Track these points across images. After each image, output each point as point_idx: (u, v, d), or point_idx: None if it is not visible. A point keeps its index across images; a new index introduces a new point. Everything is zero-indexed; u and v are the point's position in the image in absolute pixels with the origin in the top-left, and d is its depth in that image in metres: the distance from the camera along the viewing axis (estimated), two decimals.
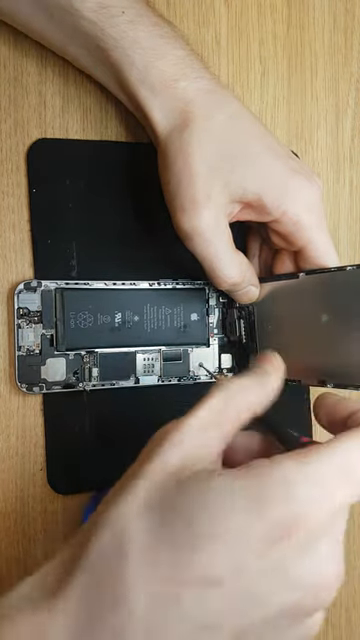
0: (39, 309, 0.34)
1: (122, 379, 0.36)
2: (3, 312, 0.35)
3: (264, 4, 0.41)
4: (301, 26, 0.42)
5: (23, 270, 0.35)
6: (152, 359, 0.37)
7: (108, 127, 0.37)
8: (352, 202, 0.44)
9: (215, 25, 0.40)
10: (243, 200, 0.32)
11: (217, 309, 0.39)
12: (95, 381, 0.35)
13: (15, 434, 0.35)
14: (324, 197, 0.35)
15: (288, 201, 0.32)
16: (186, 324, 0.38)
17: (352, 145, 0.44)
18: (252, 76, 0.41)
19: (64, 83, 0.36)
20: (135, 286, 0.36)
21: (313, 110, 0.43)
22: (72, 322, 0.35)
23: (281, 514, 0.19)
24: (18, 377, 0.34)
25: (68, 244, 0.36)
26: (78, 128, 0.37)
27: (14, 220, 0.35)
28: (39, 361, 0.34)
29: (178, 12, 0.39)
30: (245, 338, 0.38)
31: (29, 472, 0.35)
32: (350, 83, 0.44)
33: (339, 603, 0.44)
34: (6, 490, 0.35)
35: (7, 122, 0.35)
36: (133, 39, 0.30)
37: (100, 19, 0.29)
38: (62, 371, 0.35)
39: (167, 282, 0.37)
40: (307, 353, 0.34)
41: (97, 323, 0.35)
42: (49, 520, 0.36)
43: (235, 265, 0.33)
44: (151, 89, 0.31)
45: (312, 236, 0.33)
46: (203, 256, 0.32)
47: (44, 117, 0.36)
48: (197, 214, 0.31)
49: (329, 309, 0.32)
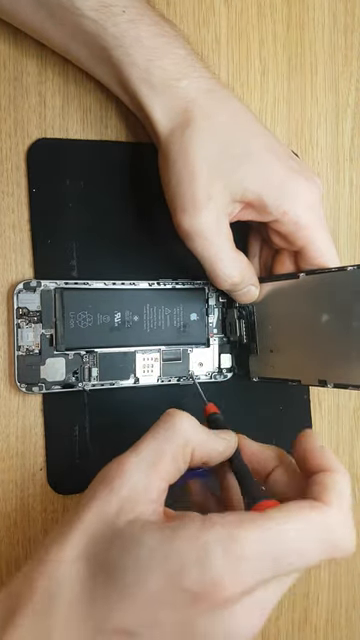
0: (39, 309, 0.34)
1: (122, 379, 0.36)
2: (3, 312, 0.35)
3: (264, 4, 0.41)
4: (301, 26, 0.42)
5: (23, 270, 0.35)
6: (152, 359, 0.37)
7: (108, 127, 0.37)
8: (352, 202, 0.44)
9: (215, 25, 0.40)
10: (244, 200, 0.32)
11: (217, 309, 0.39)
12: (95, 381, 0.35)
13: (15, 434, 0.35)
14: (324, 197, 0.35)
15: (288, 201, 0.32)
16: (186, 324, 0.38)
17: (352, 145, 0.44)
18: (252, 76, 0.41)
19: (64, 83, 0.36)
20: (135, 286, 0.36)
21: (313, 110, 0.43)
22: (72, 322, 0.35)
23: (194, 584, 0.20)
24: (18, 377, 0.34)
25: (68, 244, 0.36)
26: (78, 128, 0.37)
27: (14, 220, 0.35)
28: (39, 361, 0.34)
29: (178, 12, 0.39)
30: (245, 338, 0.38)
31: (29, 472, 0.35)
32: (350, 83, 0.44)
33: (339, 603, 0.44)
34: (6, 490, 0.35)
35: (7, 122, 0.35)
36: (134, 38, 0.30)
37: (101, 18, 0.29)
38: (62, 371, 0.35)
39: (167, 282, 0.37)
40: (307, 353, 0.34)
41: (97, 323, 0.35)
42: (49, 520, 0.36)
43: (235, 265, 0.33)
44: (152, 88, 0.31)
45: (312, 236, 0.33)
46: (203, 256, 0.32)
47: (44, 117, 0.36)
48: (198, 214, 0.31)
49: (329, 309, 0.32)
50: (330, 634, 0.43)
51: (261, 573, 0.21)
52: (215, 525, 0.21)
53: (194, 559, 0.20)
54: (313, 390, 0.42)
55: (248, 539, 0.20)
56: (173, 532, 0.21)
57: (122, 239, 0.37)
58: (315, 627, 0.43)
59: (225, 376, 0.39)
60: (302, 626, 0.42)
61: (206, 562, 0.20)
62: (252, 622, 0.21)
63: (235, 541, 0.20)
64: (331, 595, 0.43)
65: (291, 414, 0.41)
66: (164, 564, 0.20)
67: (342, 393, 0.44)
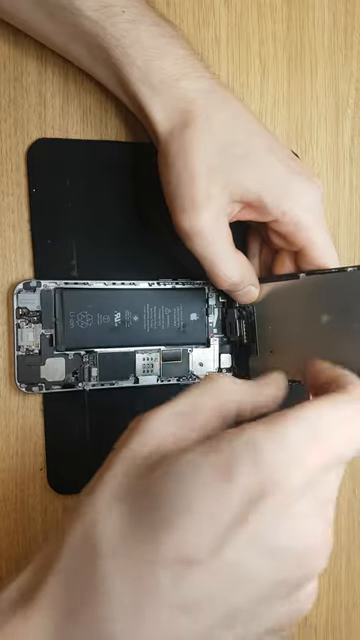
0: (38, 309, 0.34)
1: (121, 379, 0.36)
2: (2, 312, 0.35)
3: (264, 4, 0.41)
4: (301, 26, 0.42)
5: (23, 270, 0.35)
6: (151, 359, 0.37)
7: (108, 127, 0.37)
8: (352, 202, 0.44)
9: (215, 25, 0.40)
10: (243, 200, 0.32)
11: (217, 309, 0.39)
12: (94, 381, 0.35)
13: (15, 434, 0.35)
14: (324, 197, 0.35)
15: (288, 201, 0.32)
16: (185, 324, 0.38)
17: (352, 145, 0.44)
18: (252, 76, 0.41)
19: (64, 83, 0.36)
20: (135, 286, 0.36)
21: (313, 110, 0.43)
22: (71, 322, 0.35)
23: (250, 480, 0.19)
24: (17, 377, 0.34)
25: (68, 244, 0.36)
26: (78, 128, 0.37)
27: (14, 220, 0.35)
28: (38, 361, 0.34)
29: (178, 12, 0.39)
30: (245, 338, 0.38)
31: (29, 472, 0.35)
32: (350, 83, 0.44)
33: (339, 603, 0.44)
34: (6, 490, 0.35)
35: (7, 122, 0.35)
36: (134, 38, 0.30)
37: (101, 18, 0.29)
38: (61, 371, 0.35)
39: (167, 282, 0.37)
40: (307, 353, 0.34)
41: (96, 323, 0.35)
42: (49, 520, 0.36)
43: (235, 265, 0.33)
44: (152, 88, 0.31)
45: (312, 236, 0.33)
46: (203, 256, 0.32)
47: (44, 117, 0.36)
48: (197, 214, 0.31)
49: (329, 310, 0.32)
50: (330, 634, 0.43)
51: (316, 459, 0.20)
52: (251, 425, 0.20)
53: (244, 456, 0.19)
54: None
55: (293, 426, 0.20)
56: (212, 442, 0.20)
57: (122, 239, 0.37)
58: (315, 627, 0.43)
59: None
60: (302, 626, 0.42)
61: (258, 456, 0.19)
62: (323, 520, 0.20)
63: (281, 431, 0.20)
64: (331, 595, 0.43)
65: None
66: (212, 474, 0.19)
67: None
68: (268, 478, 0.19)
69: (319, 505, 0.21)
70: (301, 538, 0.20)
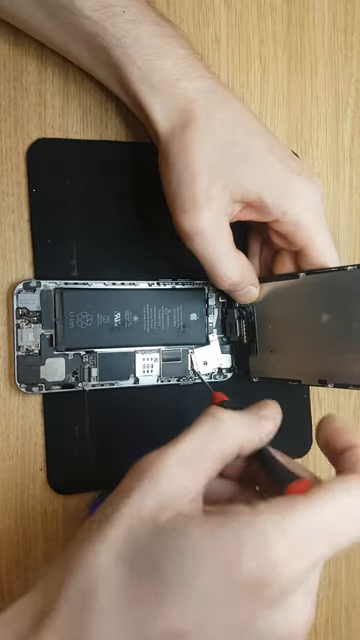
0: (38, 309, 0.34)
1: (121, 379, 0.36)
2: (2, 312, 0.35)
3: (264, 4, 0.41)
4: (301, 26, 0.42)
5: (23, 270, 0.35)
6: (151, 359, 0.37)
7: (108, 127, 0.37)
8: (352, 202, 0.44)
9: (215, 25, 0.40)
10: (244, 200, 0.32)
11: (216, 309, 0.39)
12: (94, 381, 0.35)
13: (15, 434, 0.35)
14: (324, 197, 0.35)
15: (288, 201, 0.32)
16: (185, 324, 0.38)
17: (352, 145, 0.44)
18: (252, 76, 0.41)
19: (64, 83, 0.36)
20: (134, 286, 0.36)
21: (313, 110, 0.43)
22: (71, 322, 0.35)
23: (253, 572, 0.19)
24: (17, 377, 0.34)
25: (68, 244, 0.36)
26: (78, 128, 0.37)
27: (14, 220, 0.35)
28: (38, 361, 0.34)
29: (178, 12, 0.39)
30: (245, 338, 0.38)
31: (29, 472, 0.35)
32: (350, 83, 0.44)
33: (339, 603, 0.44)
34: (6, 490, 0.35)
35: (7, 122, 0.35)
36: (134, 38, 0.30)
37: (101, 18, 0.29)
38: (61, 371, 0.35)
39: (166, 282, 0.37)
40: (307, 353, 0.34)
41: (96, 323, 0.35)
42: (49, 520, 0.36)
43: (235, 265, 0.33)
44: (152, 88, 0.31)
45: (312, 236, 0.33)
46: (203, 256, 0.32)
47: (44, 117, 0.36)
48: (198, 214, 0.31)
49: (329, 309, 0.32)
50: (330, 634, 0.43)
51: (319, 553, 0.20)
52: (266, 511, 0.20)
53: (252, 545, 0.19)
54: (313, 390, 0.42)
55: (304, 520, 0.20)
56: (223, 520, 0.20)
57: (122, 239, 0.37)
58: (315, 627, 0.43)
59: (225, 376, 0.39)
60: None
61: (265, 547, 0.19)
62: (309, 612, 0.21)
63: (292, 524, 0.19)
64: (331, 595, 0.43)
65: (291, 414, 0.41)
66: (216, 555, 0.19)
67: (342, 393, 0.44)
68: (271, 571, 0.19)
69: (308, 592, 0.21)
70: (289, 626, 0.20)
